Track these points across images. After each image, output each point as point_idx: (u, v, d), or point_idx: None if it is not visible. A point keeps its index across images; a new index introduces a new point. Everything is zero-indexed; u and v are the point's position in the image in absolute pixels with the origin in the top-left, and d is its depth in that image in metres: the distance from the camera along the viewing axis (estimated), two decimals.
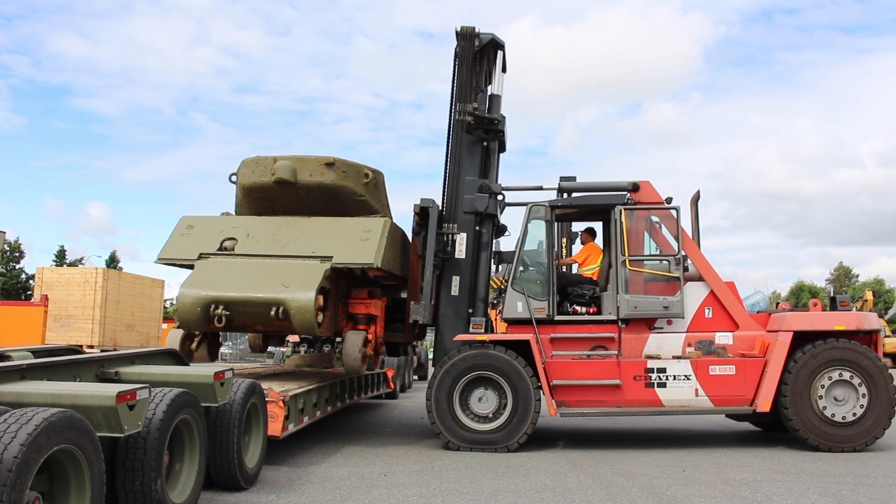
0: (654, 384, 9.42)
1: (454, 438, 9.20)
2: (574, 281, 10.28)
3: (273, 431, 7.55)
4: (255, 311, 8.72)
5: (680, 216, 9.81)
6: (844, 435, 9.06)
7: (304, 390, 8.74)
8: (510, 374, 9.22)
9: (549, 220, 10.03)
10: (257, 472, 7.01)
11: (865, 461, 8.51)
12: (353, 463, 8.32)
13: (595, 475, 7.72)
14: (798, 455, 8.91)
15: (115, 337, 24.46)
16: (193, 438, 5.68)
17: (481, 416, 9.31)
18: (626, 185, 9.97)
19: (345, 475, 7.58)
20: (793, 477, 7.61)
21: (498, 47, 10.11)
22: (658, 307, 9.61)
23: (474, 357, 9.32)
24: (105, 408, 4.48)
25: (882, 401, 9.06)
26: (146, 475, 4.92)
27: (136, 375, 5.69)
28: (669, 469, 8.06)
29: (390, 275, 9.71)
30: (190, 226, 9.67)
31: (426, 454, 8.97)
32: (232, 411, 6.36)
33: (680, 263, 9.66)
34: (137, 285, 26.56)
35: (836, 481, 7.36)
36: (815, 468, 8.08)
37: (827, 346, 9.19)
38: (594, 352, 9.68)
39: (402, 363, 18.11)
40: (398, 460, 8.55)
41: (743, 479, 7.48)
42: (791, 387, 9.12)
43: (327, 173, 9.62)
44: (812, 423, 9.10)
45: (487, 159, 10.13)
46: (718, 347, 9.63)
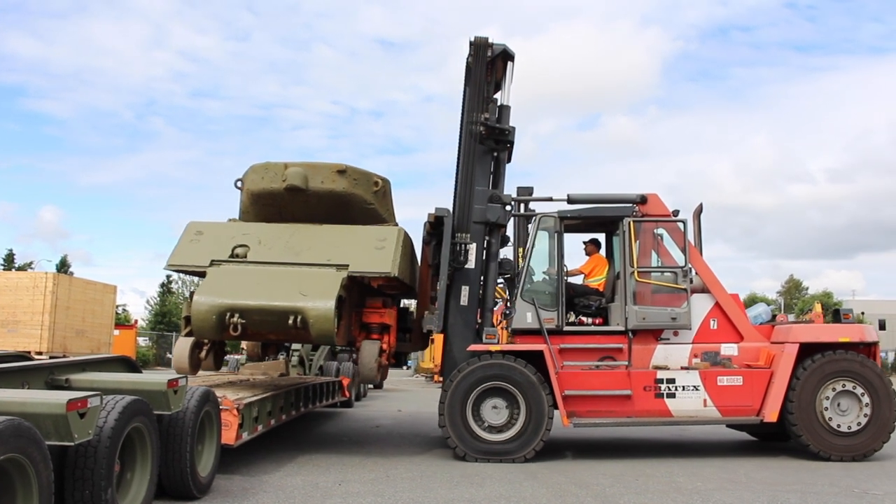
0: (663, 395, 9.55)
1: (467, 449, 9.18)
2: (580, 292, 10.35)
3: (227, 440, 7.46)
4: (272, 320, 8.58)
5: (687, 228, 9.99)
6: (848, 444, 9.29)
7: (259, 398, 8.64)
8: (524, 384, 9.24)
9: (558, 231, 10.10)
10: (210, 481, 6.92)
11: (813, 470, 8.74)
12: (308, 472, 8.29)
13: (549, 484, 7.78)
14: (748, 464, 9.14)
15: (65, 343, 23.84)
16: (146, 447, 5.60)
17: (494, 426, 9.30)
18: (635, 197, 10.10)
19: (299, 484, 7.56)
20: (743, 486, 7.77)
21: (508, 58, 10.15)
22: (666, 318, 9.75)
23: (488, 367, 9.32)
24: (55, 416, 4.38)
25: (884, 411, 9.32)
26: (96, 484, 4.82)
27: (88, 383, 5.61)
28: (623, 478, 8.17)
29: (399, 283, 9.65)
30: (199, 232, 9.48)
31: (381, 463, 8.97)
32: (185, 419, 6.27)
33: (687, 275, 9.83)
34: (89, 291, 25.94)
35: (784, 490, 7.55)
36: (764, 477, 8.27)
37: (832, 358, 9.43)
38: (602, 362, 9.77)
39: (358, 372, 18.01)
40: (353, 469, 8.53)
41: (695, 488, 7.61)
42: (797, 397, 9.33)
43: (338, 181, 9.53)
44: (817, 432, 9.31)
45: (497, 169, 10.16)
46: (724, 358, 9.80)
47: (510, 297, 10.31)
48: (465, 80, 10.29)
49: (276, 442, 10.26)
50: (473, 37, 9.93)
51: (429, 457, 9.54)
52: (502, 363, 9.30)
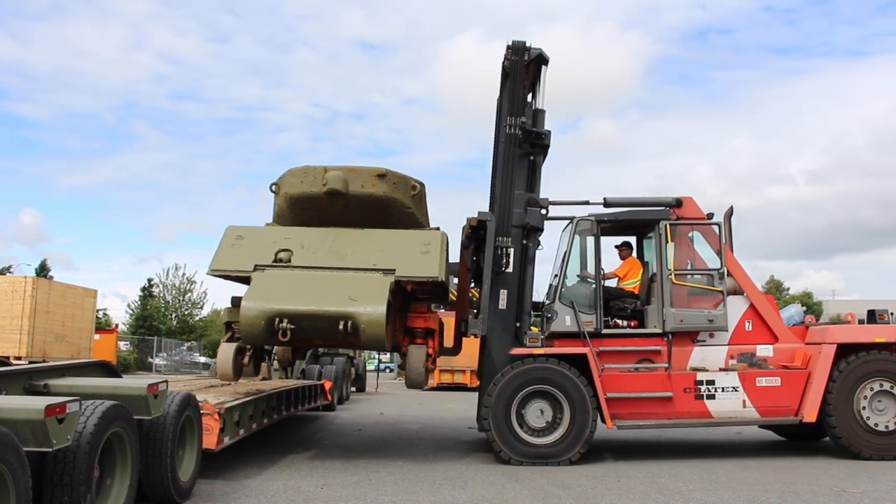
0: (703, 396, 9.64)
1: (512, 453, 9.20)
2: (616, 295, 10.42)
3: (208, 444, 7.42)
4: (322, 326, 8.54)
5: (722, 231, 10.10)
6: (887, 443, 9.43)
7: (240, 402, 8.59)
8: (568, 387, 9.29)
9: (595, 235, 10.18)
10: (191, 486, 6.88)
11: (792, 469, 8.88)
12: (290, 476, 8.28)
13: (531, 486, 7.84)
14: (729, 464, 9.26)
15: (44, 348, 23.63)
16: (125, 452, 5.55)
17: (537, 429, 9.33)
18: (670, 200, 10.20)
19: (281, 488, 7.55)
20: (723, 486, 7.86)
21: (543, 62, 10.19)
22: (703, 320, 9.85)
23: (532, 371, 9.35)
24: (33, 421, 4.36)
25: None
26: (75, 490, 4.76)
27: (66, 388, 5.53)
28: (605, 479, 8.25)
29: (440, 288, 9.64)
30: (239, 236, 9.41)
31: (363, 466, 8.97)
32: (166, 424, 6.23)
33: (723, 278, 9.93)
34: (68, 295, 25.72)
35: (764, 490, 7.64)
36: (744, 477, 8.37)
37: (868, 358, 9.57)
38: (641, 364, 9.85)
39: (340, 375, 17.99)
40: (335, 473, 8.53)
41: (676, 489, 7.70)
42: (836, 397, 9.46)
43: (379, 185, 9.51)
44: (855, 431, 9.44)
45: (533, 173, 10.19)
46: (760, 359, 9.91)
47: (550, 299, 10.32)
48: (501, 84, 10.32)
49: (258, 446, 10.21)
50: (512, 41, 9.97)
51: (411, 460, 9.55)
52: (547, 367, 9.34)
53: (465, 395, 24.50)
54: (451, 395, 24.05)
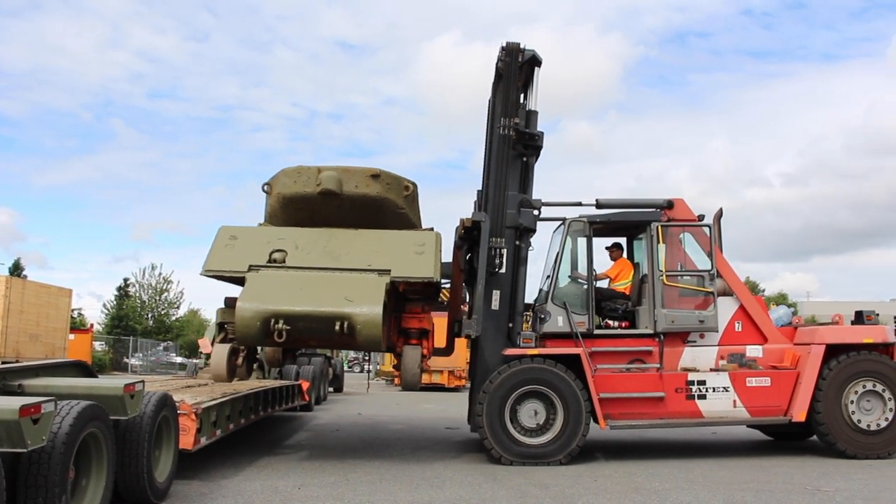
0: (694, 396, 9.72)
1: (506, 453, 9.23)
2: (607, 295, 10.47)
3: (185, 445, 7.41)
4: (318, 326, 8.52)
5: (712, 233, 10.19)
6: (874, 442, 9.57)
7: (217, 402, 8.57)
8: (561, 388, 9.33)
9: (588, 236, 10.23)
10: (168, 487, 6.86)
11: (767, 469, 8.99)
12: (267, 476, 8.28)
13: (509, 486, 7.88)
14: (705, 464, 9.35)
15: (17, 348, 23.40)
16: (101, 453, 5.52)
17: (531, 429, 9.37)
18: (661, 202, 10.29)
19: (258, 489, 7.54)
20: (699, 485, 7.94)
21: (536, 63, 10.21)
22: (694, 321, 9.94)
23: (526, 371, 9.39)
24: (7, 422, 4.35)
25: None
26: (50, 491, 4.72)
27: (41, 388, 5.52)
28: (582, 479, 8.30)
29: (433, 289, 9.64)
30: (233, 236, 9.36)
31: (341, 467, 8.98)
32: (142, 424, 6.21)
33: (714, 279, 10.02)
34: (43, 294, 25.47)
35: (740, 489, 7.74)
36: (720, 476, 8.47)
37: (856, 359, 9.71)
38: (632, 365, 9.92)
39: (318, 375, 17.96)
40: (313, 473, 8.53)
41: (652, 488, 7.77)
42: (824, 397, 9.58)
43: (372, 185, 9.51)
44: (843, 431, 9.57)
45: (526, 174, 10.22)
46: (749, 360, 10.02)
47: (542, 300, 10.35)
48: (493, 86, 10.35)
49: (235, 446, 10.18)
50: (506, 42, 9.98)
51: (388, 460, 9.58)
52: (541, 367, 9.38)
53: (443, 395, 24.67)
54: (429, 396, 24.09)
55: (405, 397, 23.63)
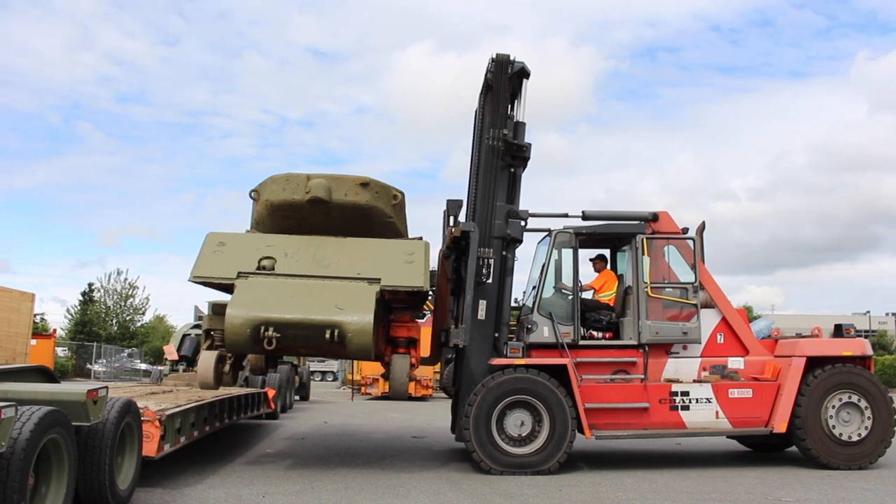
0: (678, 407, 9.83)
1: (492, 462, 9.25)
2: (592, 306, 10.56)
3: (148, 452, 7.35)
4: (308, 334, 8.49)
5: (696, 246, 10.33)
6: (852, 453, 9.75)
7: (182, 409, 8.53)
8: (548, 398, 9.39)
9: (574, 247, 10.32)
10: (130, 494, 6.81)
11: (729, 479, 9.12)
12: (231, 484, 8.24)
13: (474, 495, 7.93)
14: (668, 474, 9.46)
15: None
16: (62, 459, 5.49)
17: (517, 439, 9.40)
18: (647, 214, 10.41)
19: (222, 496, 7.51)
20: (662, 495, 8.06)
21: (524, 75, 10.29)
22: (678, 333, 10.05)
23: (514, 381, 9.43)
24: None
25: (884, 421, 9.82)
26: (9, 498, 4.68)
27: (2, 393, 5.51)
28: (546, 489, 8.36)
29: (408, 296, 9.65)
30: (221, 243, 9.30)
31: (306, 475, 8.98)
32: (105, 431, 6.16)
33: (697, 291, 10.15)
34: (4, 298, 25.00)
35: (702, 499, 7.87)
36: (683, 487, 8.58)
37: (836, 371, 9.89)
38: (616, 375, 10.01)
39: (284, 383, 17.84)
40: (277, 481, 8.51)
41: (616, 498, 7.89)
42: (805, 408, 9.74)
43: (362, 193, 9.51)
44: (823, 442, 9.74)
45: (513, 185, 10.28)
46: (731, 371, 10.16)
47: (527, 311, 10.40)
48: (482, 97, 10.41)
49: (198, 454, 10.11)
50: (496, 54, 10.04)
51: (354, 469, 9.58)
52: (528, 377, 9.43)
53: (409, 404, 24.55)
54: (395, 405, 24.01)
55: (371, 406, 23.61)
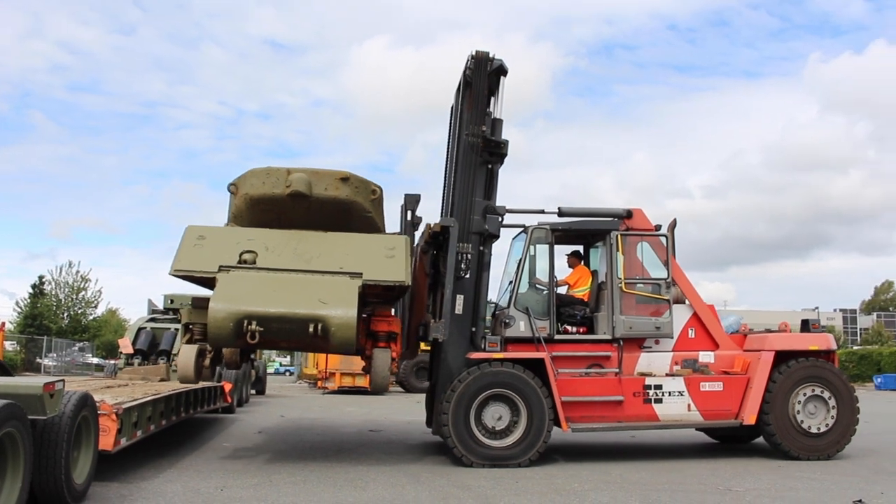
0: (651, 400, 10.05)
1: (471, 455, 9.36)
2: (566, 302, 10.72)
3: (105, 446, 7.30)
4: (291, 328, 8.50)
5: (669, 243, 10.55)
6: (817, 445, 10.07)
7: (138, 403, 8.49)
8: (526, 391, 9.52)
9: (549, 243, 10.47)
10: (86, 489, 6.79)
11: (682, 470, 9.37)
12: (189, 478, 8.25)
13: (432, 487, 8.04)
14: (622, 466, 9.70)
15: None
16: (17, 453, 5.43)
17: (495, 432, 9.53)
18: (621, 211, 10.61)
19: (179, 490, 7.52)
20: (617, 486, 8.25)
21: (502, 73, 10.39)
22: (651, 327, 10.27)
23: (492, 375, 9.55)
24: None
25: (848, 413, 10.16)
26: None
27: None
28: (503, 480, 8.49)
29: (384, 291, 9.70)
30: (201, 236, 9.24)
31: (264, 468, 9.03)
32: (61, 424, 6.11)
33: (670, 287, 10.38)
34: None
35: (655, 489, 8.06)
36: (637, 478, 8.77)
37: (803, 364, 10.20)
38: (591, 369, 10.19)
39: (240, 377, 17.82)
40: (235, 475, 8.54)
41: (572, 489, 8.05)
42: (773, 401, 10.03)
43: (342, 188, 9.52)
44: (790, 434, 10.04)
45: (491, 181, 10.38)
46: (702, 365, 10.41)
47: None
48: (460, 94, 10.50)
49: (155, 448, 10.07)
50: (475, 51, 10.14)
51: (312, 461, 9.62)
52: (507, 371, 9.56)
53: (365, 398, 24.71)
54: (351, 399, 24.19)
55: (328, 400, 23.67)
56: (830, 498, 7.67)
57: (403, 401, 23.51)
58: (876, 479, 8.80)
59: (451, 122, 11.21)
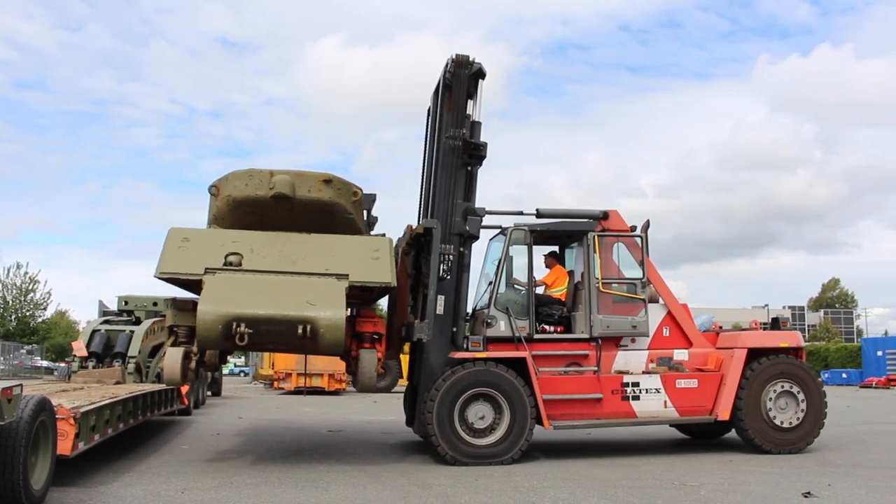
0: (629, 397, 10.27)
1: (455, 453, 9.48)
2: (544, 301, 10.90)
3: (63, 450, 7.23)
4: (280, 330, 8.53)
5: (644, 244, 10.80)
6: (788, 438, 10.40)
7: (97, 407, 8.45)
8: (508, 390, 9.67)
9: (528, 244, 10.64)
10: (44, 494, 6.69)
11: (637, 466, 9.63)
12: (149, 481, 8.21)
13: (393, 486, 8.08)
14: (579, 462, 9.88)
15: None
16: None
17: (478, 430, 9.66)
18: (598, 213, 10.82)
19: (139, 494, 7.48)
20: (575, 482, 8.39)
21: (481, 76, 10.53)
22: (627, 326, 10.50)
23: (476, 374, 9.68)
24: None
25: (817, 408, 10.52)
26: None
27: None
28: (463, 479, 8.58)
29: (360, 292, 9.78)
30: (185, 238, 9.21)
31: (224, 470, 9.03)
32: (19, 429, 6.03)
33: (645, 287, 10.62)
34: None
35: (612, 485, 8.25)
36: (594, 474, 8.94)
37: (774, 361, 10.52)
38: (570, 368, 10.39)
39: (197, 379, 17.70)
40: (195, 477, 8.52)
41: (531, 486, 8.18)
42: (746, 397, 10.32)
43: (325, 190, 9.58)
44: (762, 428, 10.35)
45: (470, 183, 10.51)
46: (677, 363, 10.67)
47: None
48: (439, 96, 10.60)
49: (112, 452, 10.01)
50: (455, 54, 10.26)
51: (272, 463, 9.65)
52: (490, 370, 9.70)
53: (323, 398, 24.80)
54: (308, 399, 24.16)
55: (284, 401, 23.64)
56: (781, 490, 7.93)
57: (360, 400, 23.56)
58: (823, 472, 9.12)
59: (428, 125, 11.33)
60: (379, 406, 20.89)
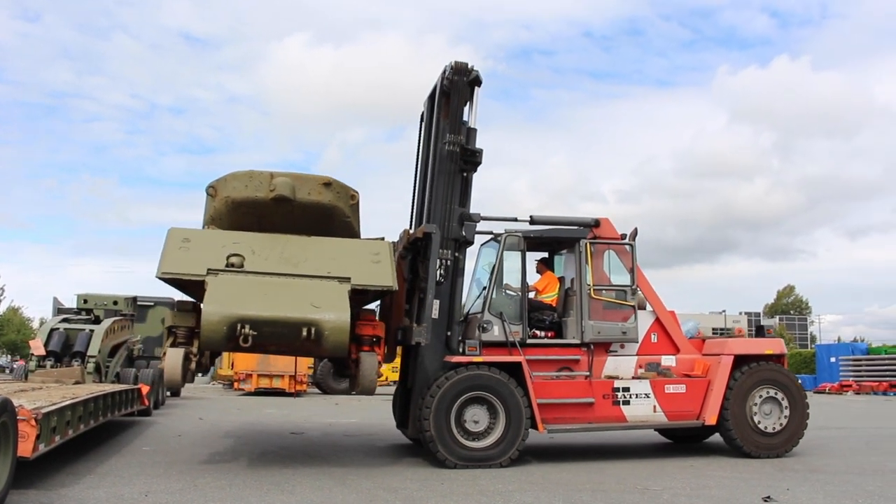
0: (619, 402, 10.47)
1: (451, 456, 9.57)
2: (536, 307, 11.05)
3: (23, 452, 7.10)
4: (284, 332, 8.55)
5: (634, 251, 11.02)
6: (771, 443, 10.68)
7: (58, 407, 8.36)
8: (504, 394, 9.79)
9: (522, 250, 10.78)
10: (4, 497, 6.61)
11: (601, 470, 9.76)
12: (110, 483, 8.11)
13: (358, 490, 8.08)
14: (544, 467, 9.99)
15: None
16: None
17: (474, 433, 9.77)
18: (590, 220, 11.00)
19: (102, 496, 7.40)
20: (540, 486, 8.44)
21: (477, 83, 10.65)
22: (617, 332, 10.71)
23: (472, 378, 9.79)
24: None
25: (799, 413, 10.82)
26: None
27: None
28: (429, 482, 8.62)
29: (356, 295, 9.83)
30: (186, 239, 9.18)
31: (188, 472, 8.93)
32: None
33: (635, 293, 10.84)
34: None
35: (577, 489, 8.31)
36: (559, 478, 9.00)
37: (760, 368, 10.81)
38: (561, 372, 10.55)
39: (157, 379, 17.69)
40: (158, 479, 8.43)
41: (497, 490, 8.20)
42: (732, 402, 10.59)
43: (325, 193, 9.64)
44: (747, 433, 10.62)
45: (466, 189, 10.63)
46: (664, 369, 10.90)
47: None
48: (435, 103, 10.70)
49: (73, 453, 9.87)
50: (454, 62, 10.37)
51: (236, 465, 9.61)
52: (486, 374, 9.82)
53: (284, 399, 24.69)
54: (270, 400, 24.05)
55: (245, 402, 23.48)
56: (742, 494, 8.12)
57: (321, 402, 23.51)
58: (782, 476, 9.34)
59: (421, 131, 11.42)
60: (341, 408, 20.89)
